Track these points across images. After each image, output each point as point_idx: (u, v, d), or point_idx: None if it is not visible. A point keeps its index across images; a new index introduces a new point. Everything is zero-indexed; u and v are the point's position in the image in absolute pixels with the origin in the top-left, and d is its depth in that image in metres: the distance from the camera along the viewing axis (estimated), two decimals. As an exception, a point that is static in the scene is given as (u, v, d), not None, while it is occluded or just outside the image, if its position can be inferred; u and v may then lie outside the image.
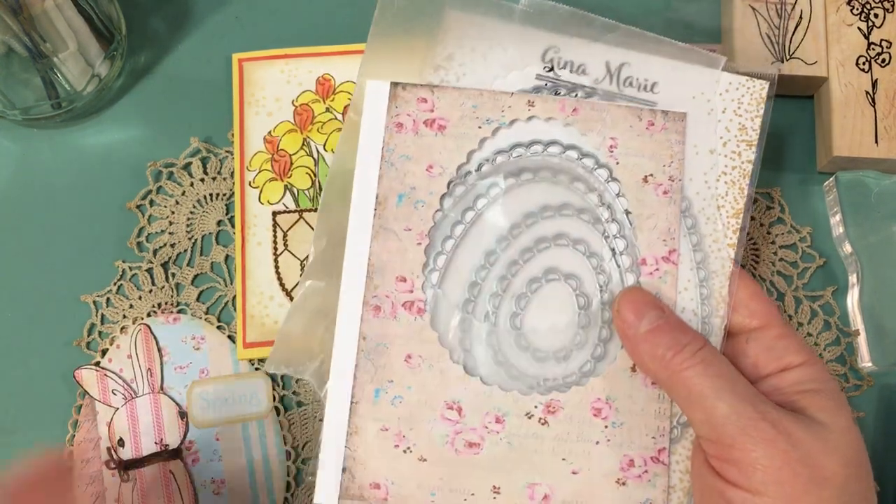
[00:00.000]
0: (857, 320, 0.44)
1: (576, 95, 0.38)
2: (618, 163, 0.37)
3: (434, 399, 0.36)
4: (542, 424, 0.36)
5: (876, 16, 0.46)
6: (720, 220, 0.37)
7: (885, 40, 0.46)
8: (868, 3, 0.46)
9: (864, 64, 0.46)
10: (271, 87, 0.47)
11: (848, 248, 0.45)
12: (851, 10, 0.46)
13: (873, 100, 0.45)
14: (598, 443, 0.36)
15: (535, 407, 0.36)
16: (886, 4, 0.46)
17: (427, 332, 0.37)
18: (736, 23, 0.46)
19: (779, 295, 0.45)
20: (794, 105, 0.48)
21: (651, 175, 0.37)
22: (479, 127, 0.38)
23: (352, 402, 0.36)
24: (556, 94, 0.38)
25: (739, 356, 0.35)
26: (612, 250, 0.37)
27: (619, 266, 0.37)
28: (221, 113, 0.48)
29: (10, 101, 0.46)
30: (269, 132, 0.46)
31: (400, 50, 0.39)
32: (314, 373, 0.38)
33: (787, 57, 0.45)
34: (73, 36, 0.45)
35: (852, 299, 0.45)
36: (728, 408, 0.32)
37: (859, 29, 0.46)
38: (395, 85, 0.38)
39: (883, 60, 0.46)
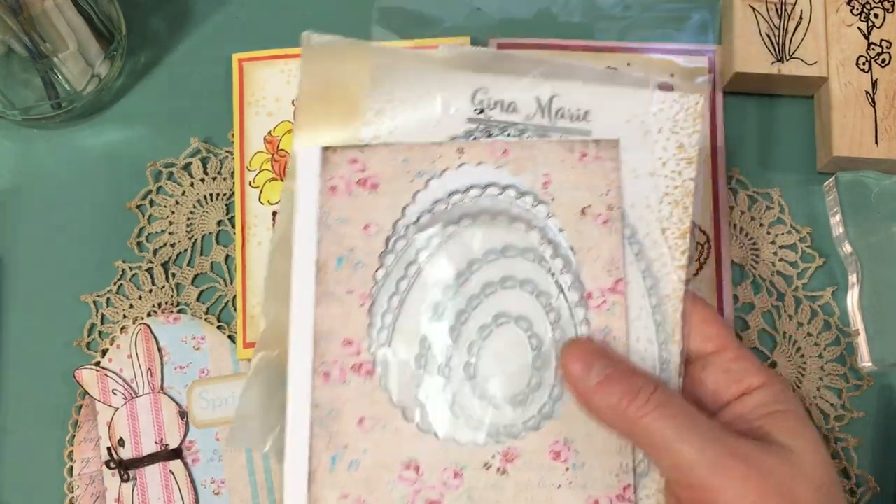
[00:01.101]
0: (856, 320, 0.44)
1: (508, 134, 0.37)
2: (553, 199, 0.36)
3: (390, 460, 0.35)
4: (502, 474, 0.35)
5: (876, 16, 0.46)
6: (666, 243, 0.36)
7: (885, 40, 0.46)
8: (868, 3, 0.46)
9: (864, 64, 0.46)
10: (271, 87, 0.47)
11: (848, 248, 0.45)
12: (851, 10, 0.46)
13: (873, 100, 0.45)
14: (559, 486, 0.35)
15: (493, 457, 0.35)
16: (886, 4, 0.46)
17: (377, 393, 0.36)
18: (736, 23, 0.46)
19: (779, 295, 0.45)
20: (794, 105, 0.48)
21: (589, 206, 0.36)
22: (412, 181, 0.37)
23: (309, 472, 0.35)
24: (489, 135, 0.37)
25: (697, 386, 0.35)
26: (560, 287, 0.36)
27: (567, 301, 0.36)
28: (221, 113, 0.48)
29: (10, 101, 0.46)
30: (270, 132, 0.46)
31: (332, 108, 0.38)
32: (273, 447, 0.37)
33: (787, 57, 0.45)
34: (73, 36, 0.45)
35: (852, 299, 0.45)
36: (694, 450, 0.31)
37: (859, 29, 0.46)
38: (325, 149, 0.37)
39: (883, 60, 0.46)
